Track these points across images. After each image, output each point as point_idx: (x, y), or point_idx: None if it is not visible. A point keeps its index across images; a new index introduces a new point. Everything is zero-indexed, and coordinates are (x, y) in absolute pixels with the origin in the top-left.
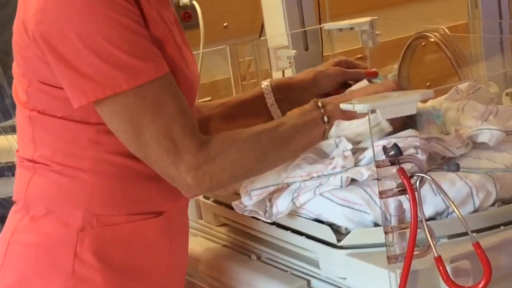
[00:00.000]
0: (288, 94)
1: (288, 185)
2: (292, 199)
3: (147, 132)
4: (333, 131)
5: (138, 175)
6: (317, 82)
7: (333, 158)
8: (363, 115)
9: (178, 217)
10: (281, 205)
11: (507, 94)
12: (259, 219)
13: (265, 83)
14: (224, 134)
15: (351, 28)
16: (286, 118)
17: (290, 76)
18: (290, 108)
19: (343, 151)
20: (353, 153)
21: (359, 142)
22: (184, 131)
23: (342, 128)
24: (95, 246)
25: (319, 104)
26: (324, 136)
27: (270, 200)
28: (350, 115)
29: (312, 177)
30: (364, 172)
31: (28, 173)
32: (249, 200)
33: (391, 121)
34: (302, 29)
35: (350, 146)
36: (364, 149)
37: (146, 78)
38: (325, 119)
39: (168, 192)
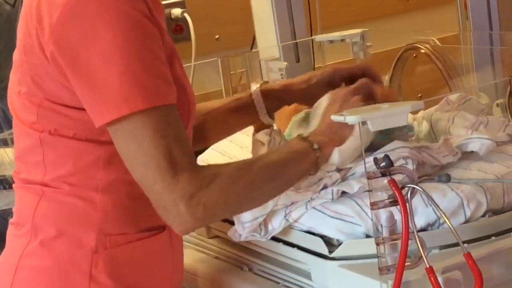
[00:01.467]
0: (285, 99)
1: None
2: (285, 216)
3: (147, 153)
4: (335, 157)
5: None
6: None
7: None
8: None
9: None
10: (276, 223)
11: (497, 105)
12: None
13: (255, 91)
14: (216, 164)
15: (342, 40)
16: (275, 150)
17: (283, 82)
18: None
19: (327, 172)
20: (339, 171)
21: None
22: (182, 156)
23: (342, 150)
24: (109, 267)
25: (303, 136)
26: (318, 165)
27: (264, 221)
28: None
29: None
30: (354, 185)
31: (35, 196)
32: (242, 230)
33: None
34: (293, 41)
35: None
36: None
37: (161, 102)
38: (315, 146)
39: None
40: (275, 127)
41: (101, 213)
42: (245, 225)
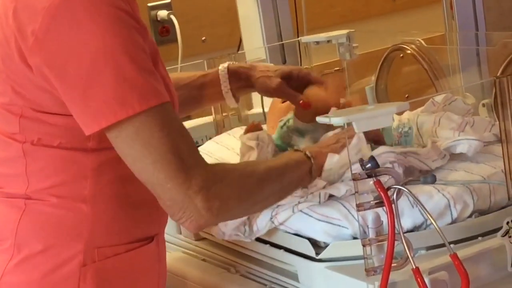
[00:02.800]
0: (246, 81)
1: None
2: (271, 218)
3: (156, 151)
4: (327, 163)
5: (136, 201)
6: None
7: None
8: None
9: (162, 238)
10: (261, 224)
11: (483, 105)
12: None
13: (223, 68)
14: (223, 162)
15: (329, 41)
16: (270, 158)
17: (250, 64)
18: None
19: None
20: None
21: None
22: (190, 151)
23: (335, 161)
24: (97, 280)
25: (296, 148)
26: (311, 173)
27: (249, 220)
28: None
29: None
30: (341, 188)
31: (17, 210)
32: (225, 227)
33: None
34: (280, 43)
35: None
36: None
37: (158, 101)
38: (308, 154)
39: (159, 215)
40: (264, 128)
41: (89, 224)
42: (228, 222)
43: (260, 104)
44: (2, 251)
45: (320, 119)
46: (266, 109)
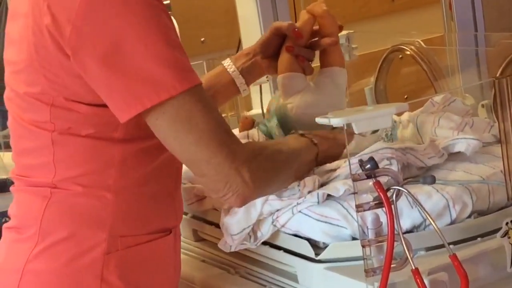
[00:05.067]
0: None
1: None
2: (273, 222)
3: (199, 129)
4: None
5: (158, 192)
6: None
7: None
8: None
9: (178, 232)
10: (264, 229)
11: (482, 106)
12: None
13: (230, 67)
14: (252, 141)
15: None
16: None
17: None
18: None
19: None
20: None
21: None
22: (228, 128)
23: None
24: (120, 268)
25: (301, 133)
26: (317, 159)
27: (253, 228)
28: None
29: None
30: (340, 188)
31: (42, 199)
32: (232, 241)
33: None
34: None
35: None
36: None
37: (196, 81)
38: (314, 140)
39: (177, 208)
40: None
41: (112, 213)
42: (233, 237)
43: (259, 105)
44: (27, 239)
45: (319, 119)
46: (265, 110)
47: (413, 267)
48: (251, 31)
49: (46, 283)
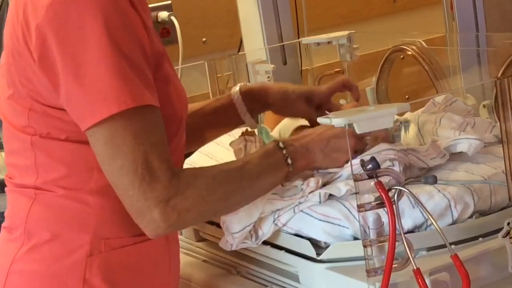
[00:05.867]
0: (262, 102)
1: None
2: (274, 221)
3: (125, 157)
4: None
5: None
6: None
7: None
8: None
9: (173, 235)
10: (265, 228)
11: (484, 106)
12: None
13: (235, 92)
14: (194, 169)
15: (329, 42)
16: (250, 158)
17: (261, 84)
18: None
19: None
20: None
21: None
22: (160, 162)
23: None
24: (103, 270)
25: (281, 145)
26: (287, 178)
27: (254, 226)
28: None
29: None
30: (342, 188)
31: (27, 200)
32: (232, 240)
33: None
34: (280, 44)
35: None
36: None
37: (146, 102)
38: (289, 161)
39: None
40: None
41: (95, 216)
42: (234, 235)
43: None
44: (14, 239)
45: (321, 119)
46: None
47: (415, 267)
48: (253, 31)
49: (29, 284)
